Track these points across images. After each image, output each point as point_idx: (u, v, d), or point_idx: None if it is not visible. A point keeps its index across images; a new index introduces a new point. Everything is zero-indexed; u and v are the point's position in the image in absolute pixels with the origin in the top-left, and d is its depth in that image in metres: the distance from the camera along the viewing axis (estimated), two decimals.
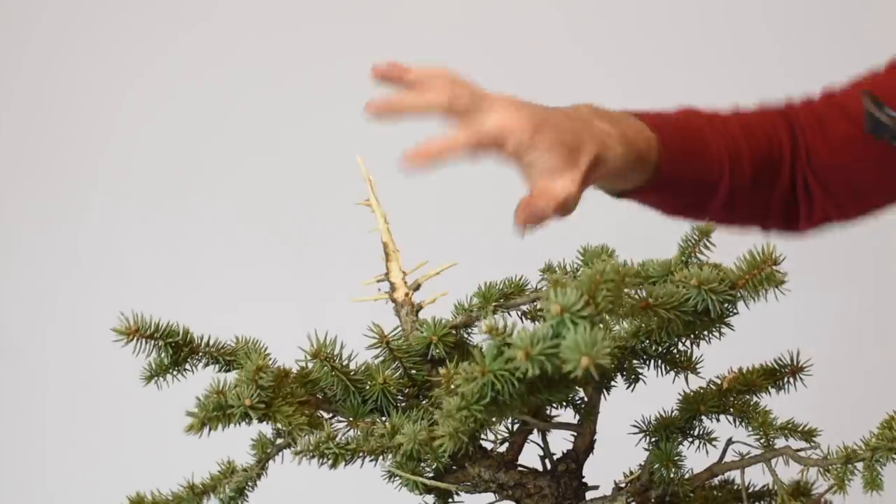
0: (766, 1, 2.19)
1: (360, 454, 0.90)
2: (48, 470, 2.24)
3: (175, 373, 0.97)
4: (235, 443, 0.98)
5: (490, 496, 0.96)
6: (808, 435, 0.95)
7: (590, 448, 0.96)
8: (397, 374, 0.97)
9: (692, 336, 0.95)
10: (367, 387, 0.95)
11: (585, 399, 0.97)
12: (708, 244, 0.97)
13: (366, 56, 2.19)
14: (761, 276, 0.88)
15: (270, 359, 0.94)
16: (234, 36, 2.24)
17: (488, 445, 0.95)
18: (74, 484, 2.21)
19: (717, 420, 0.98)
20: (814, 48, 2.16)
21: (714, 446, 0.97)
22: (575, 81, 2.14)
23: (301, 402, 0.93)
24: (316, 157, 2.16)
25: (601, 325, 0.76)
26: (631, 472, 0.96)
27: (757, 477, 0.97)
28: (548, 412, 0.97)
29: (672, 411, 0.97)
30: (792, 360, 1.00)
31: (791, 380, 0.99)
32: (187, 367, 0.98)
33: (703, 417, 0.97)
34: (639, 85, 2.16)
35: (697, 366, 0.98)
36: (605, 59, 2.20)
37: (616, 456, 1.00)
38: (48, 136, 2.27)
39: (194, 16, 2.25)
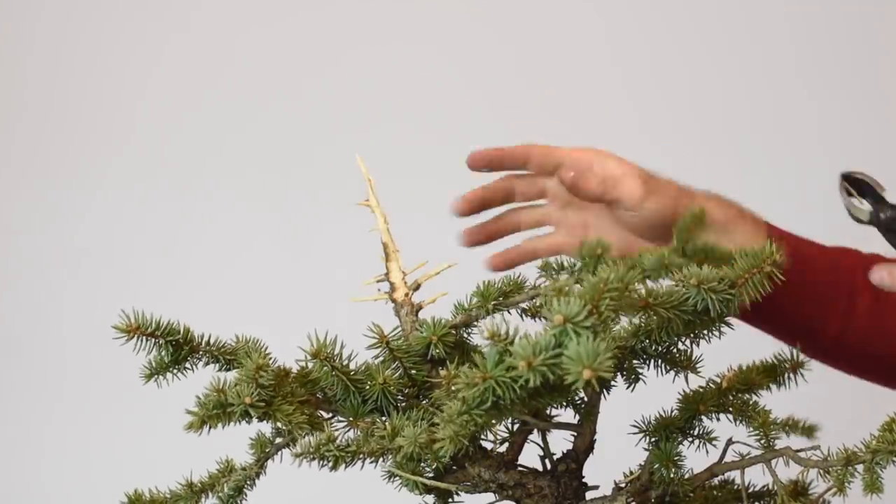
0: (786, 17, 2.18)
1: (361, 456, 0.90)
2: (46, 467, 2.24)
3: (175, 371, 0.97)
4: (234, 442, 0.98)
5: (490, 496, 0.96)
6: (809, 431, 0.95)
7: (590, 448, 0.96)
8: (397, 374, 0.96)
9: (692, 335, 0.95)
10: (367, 387, 0.95)
11: (585, 399, 0.97)
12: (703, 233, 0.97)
13: (367, 57, 2.20)
14: (761, 274, 0.88)
15: (270, 358, 0.94)
16: (234, 36, 2.24)
17: (488, 445, 0.95)
18: (72, 481, 2.21)
19: (718, 420, 0.98)
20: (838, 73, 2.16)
21: (714, 446, 0.97)
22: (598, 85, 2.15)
23: (301, 401, 0.93)
24: (316, 157, 2.16)
25: (603, 335, 0.75)
26: (631, 472, 0.96)
27: (757, 477, 0.97)
28: (548, 412, 0.97)
29: (672, 411, 0.97)
30: (791, 355, 1.00)
31: (791, 376, 1.00)
32: (187, 365, 0.98)
33: (703, 417, 0.97)
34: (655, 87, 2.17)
35: (697, 365, 0.98)
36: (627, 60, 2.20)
37: (616, 456, 1.00)
38: (50, 133, 2.26)
39: (195, 16, 2.25)
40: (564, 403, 0.97)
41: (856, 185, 1.17)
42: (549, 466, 0.96)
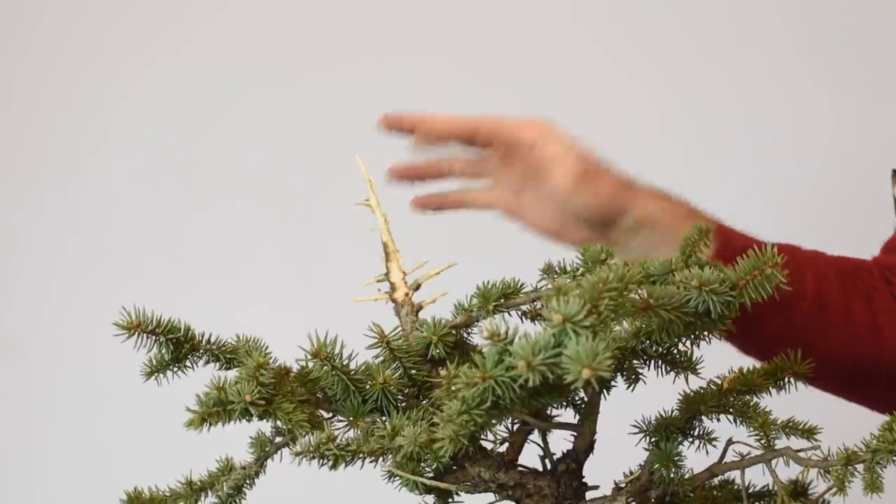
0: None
1: (361, 455, 0.90)
2: (46, 465, 2.24)
3: (175, 369, 0.97)
4: (234, 441, 0.98)
5: (490, 496, 0.96)
6: (809, 433, 0.95)
7: (590, 448, 0.96)
8: (397, 374, 0.96)
9: (692, 336, 0.95)
10: (368, 387, 0.95)
11: (585, 399, 0.97)
12: (707, 242, 0.97)
13: (366, 56, 2.21)
14: (762, 276, 0.88)
15: (271, 357, 0.94)
16: (232, 35, 2.24)
17: (488, 445, 0.95)
18: (72, 479, 2.21)
19: (718, 420, 0.98)
20: (826, 47, 2.16)
21: (714, 446, 0.97)
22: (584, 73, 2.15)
23: (301, 401, 0.93)
24: (316, 157, 2.16)
25: (603, 335, 0.75)
26: (631, 472, 0.96)
27: (757, 477, 0.97)
28: (548, 412, 0.96)
29: (672, 411, 0.97)
30: (792, 361, 1.00)
31: (791, 380, 1.00)
32: (187, 363, 0.98)
33: (703, 417, 0.97)
34: (650, 78, 2.17)
35: (698, 366, 0.98)
36: (616, 51, 2.20)
37: (616, 456, 0.99)
38: (50, 131, 2.27)
39: (194, 15, 2.25)
40: (564, 403, 0.97)
41: None
42: (549, 466, 0.96)
